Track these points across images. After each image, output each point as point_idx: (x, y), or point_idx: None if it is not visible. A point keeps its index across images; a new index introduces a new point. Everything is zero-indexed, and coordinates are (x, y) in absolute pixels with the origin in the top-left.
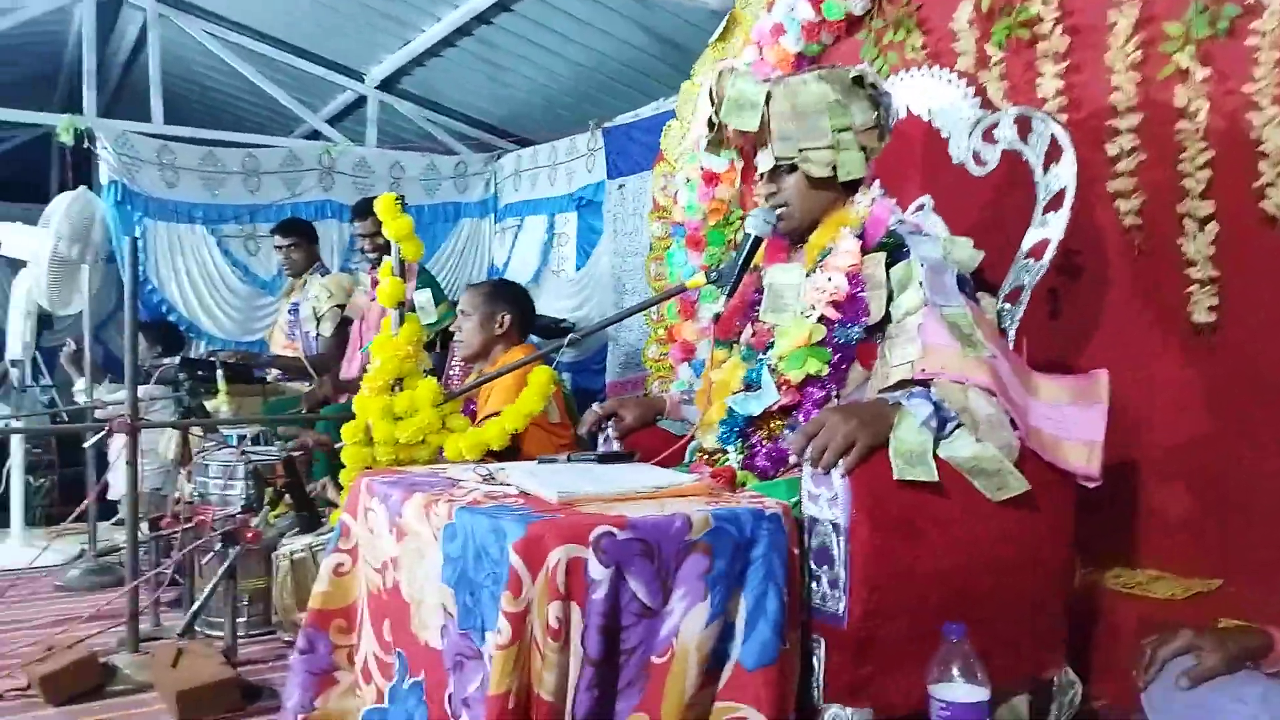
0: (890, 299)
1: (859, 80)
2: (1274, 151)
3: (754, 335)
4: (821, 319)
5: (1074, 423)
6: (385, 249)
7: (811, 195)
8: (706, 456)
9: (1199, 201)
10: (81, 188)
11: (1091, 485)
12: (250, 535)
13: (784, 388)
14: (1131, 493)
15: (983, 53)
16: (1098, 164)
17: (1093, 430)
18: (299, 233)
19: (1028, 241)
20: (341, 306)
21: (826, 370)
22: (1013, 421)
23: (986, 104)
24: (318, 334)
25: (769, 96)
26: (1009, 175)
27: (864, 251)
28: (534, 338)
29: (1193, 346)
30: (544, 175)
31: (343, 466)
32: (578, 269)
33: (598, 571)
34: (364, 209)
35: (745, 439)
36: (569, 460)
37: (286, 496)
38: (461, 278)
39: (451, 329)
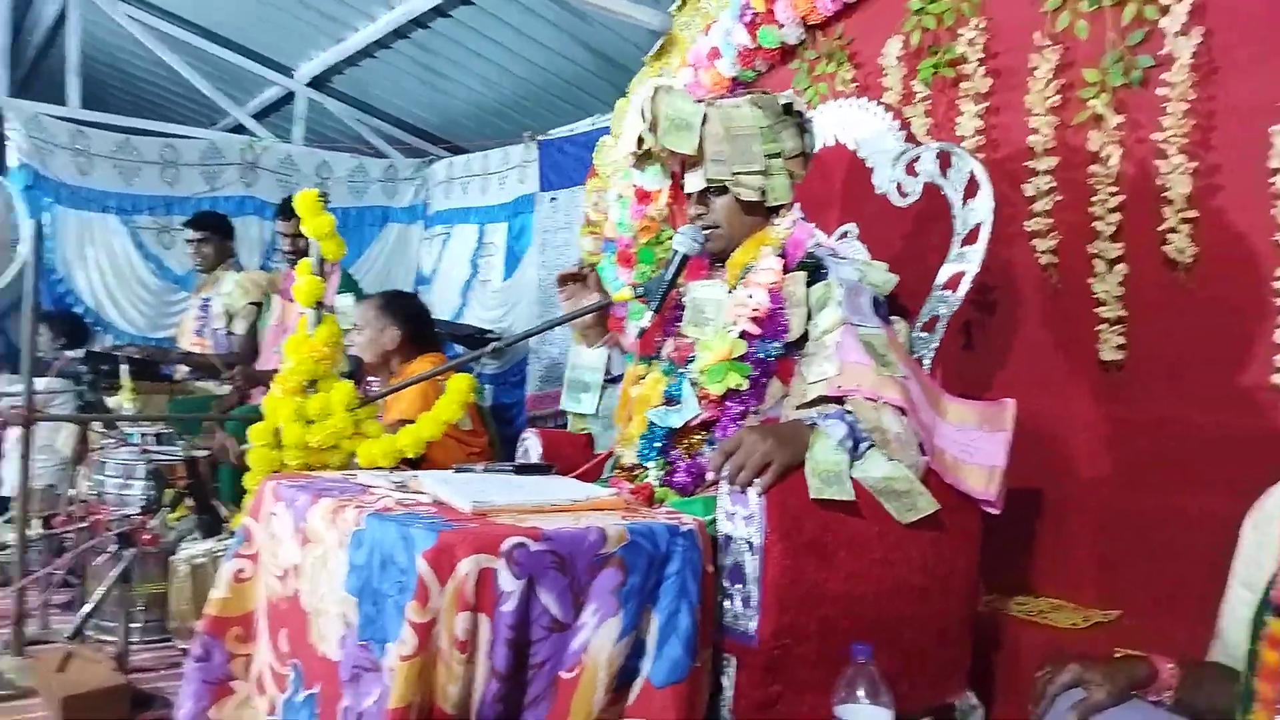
0: (809, 318)
1: (788, 108)
2: (1177, 198)
3: (675, 350)
4: (743, 334)
5: (978, 447)
6: (306, 251)
7: (741, 218)
8: (625, 472)
9: (1109, 244)
10: None
11: (990, 510)
12: (148, 538)
13: (705, 401)
14: (1036, 522)
15: (909, 88)
16: (1015, 203)
17: (994, 456)
18: (210, 227)
19: (944, 274)
20: (256, 304)
21: (747, 385)
22: (920, 443)
23: (911, 138)
24: (229, 331)
25: (705, 118)
26: (929, 208)
27: (785, 270)
28: (458, 347)
29: (1101, 383)
30: (476, 184)
31: (244, 488)
32: (505, 279)
33: (509, 583)
34: (289, 208)
35: (664, 454)
36: (485, 470)
37: (188, 499)
38: (387, 283)
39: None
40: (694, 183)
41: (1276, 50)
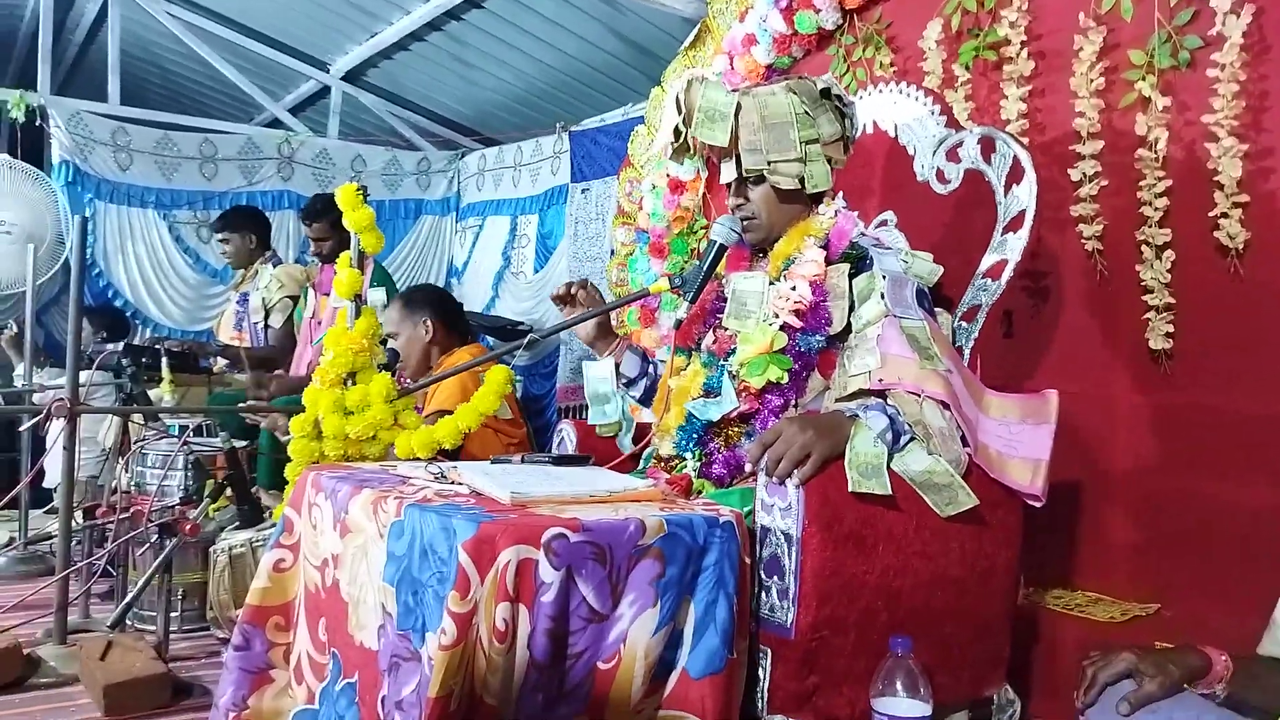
0: (851, 309)
1: (825, 92)
2: (1229, 183)
3: (715, 342)
4: (784, 327)
5: (1021, 440)
6: (331, 255)
7: (779, 207)
8: (663, 463)
9: (1156, 229)
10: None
11: (1035, 504)
12: (188, 528)
13: (744, 394)
14: (1075, 514)
15: (949, 72)
16: (1062, 187)
17: (1039, 449)
18: (236, 224)
19: (986, 262)
20: (294, 298)
21: (787, 378)
22: (963, 437)
23: (952, 123)
24: (266, 325)
25: (739, 107)
26: (971, 194)
27: (828, 262)
28: (490, 339)
29: (1146, 371)
30: (508, 175)
31: (283, 477)
32: (536, 271)
33: (548, 574)
34: (312, 212)
35: (702, 446)
36: (523, 461)
37: (227, 490)
38: (420, 276)
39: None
40: (729, 173)
41: None
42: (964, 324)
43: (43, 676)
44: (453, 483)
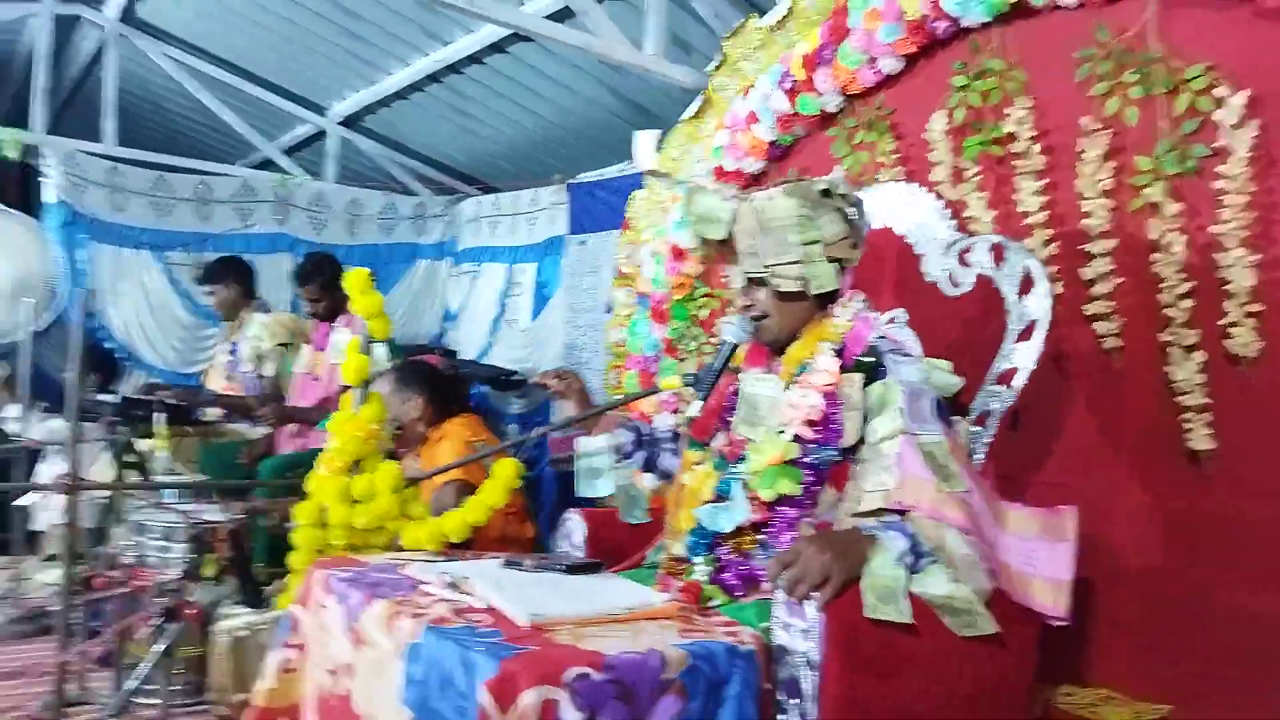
0: (866, 419)
1: (826, 192)
2: (1240, 292)
3: (728, 445)
4: (795, 438)
5: (1042, 559)
6: (327, 315)
7: (785, 309)
8: (672, 563)
9: (1184, 330)
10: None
11: (1058, 624)
12: (191, 613)
13: (755, 504)
14: (1088, 610)
15: (958, 164)
16: (1080, 282)
17: (1061, 569)
18: (221, 276)
19: (997, 368)
20: (285, 345)
21: (799, 491)
22: (988, 569)
23: (962, 225)
24: (259, 374)
25: (735, 215)
26: (982, 299)
27: (842, 370)
28: (485, 387)
29: (1165, 472)
30: (505, 223)
31: (283, 547)
32: (532, 319)
33: (571, 716)
34: (304, 275)
35: (712, 551)
36: (535, 568)
37: (228, 572)
38: (415, 319)
39: None
40: (736, 277)
41: None
42: (976, 428)
43: None
44: (466, 594)
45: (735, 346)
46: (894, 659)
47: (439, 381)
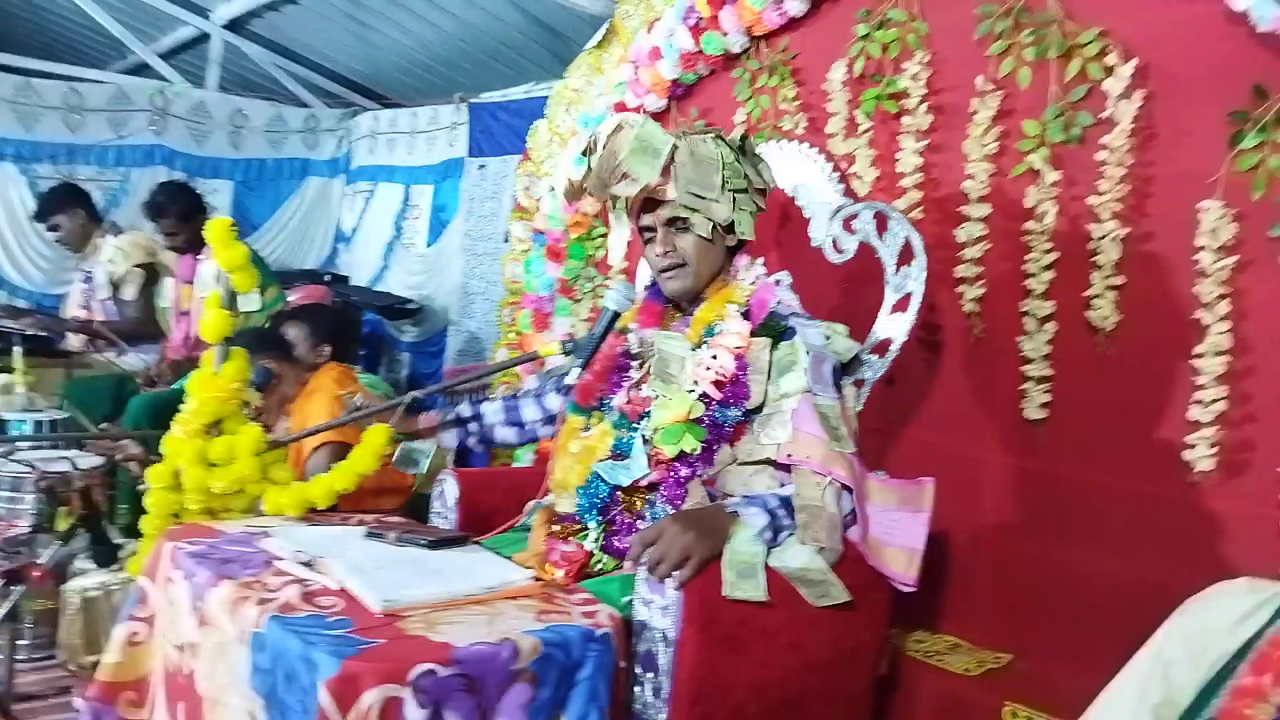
0: (769, 380)
1: (743, 143)
2: (1106, 265)
3: (629, 402)
4: (702, 396)
5: (899, 528)
6: (186, 247)
7: (707, 253)
8: (561, 527)
9: (1041, 301)
10: None
11: (906, 590)
12: (38, 575)
13: (655, 462)
14: (944, 562)
15: (852, 117)
16: (950, 245)
17: (915, 538)
18: (59, 207)
19: (873, 337)
20: (142, 266)
21: (700, 449)
22: (852, 523)
23: (849, 191)
24: (117, 298)
25: (674, 149)
26: (863, 267)
27: (751, 333)
28: (376, 316)
29: (1018, 435)
30: (403, 142)
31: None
32: (429, 244)
33: (414, 714)
34: (155, 207)
35: (605, 513)
36: (398, 541)
37: (80, 528)
38: (306, 241)
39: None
40: (662, 214)
41: (1213, 120)
42: (855, 390)
43: None
44: (320, 574)
45: (617, 314)
46: (750, 632)
47: (349, 330)
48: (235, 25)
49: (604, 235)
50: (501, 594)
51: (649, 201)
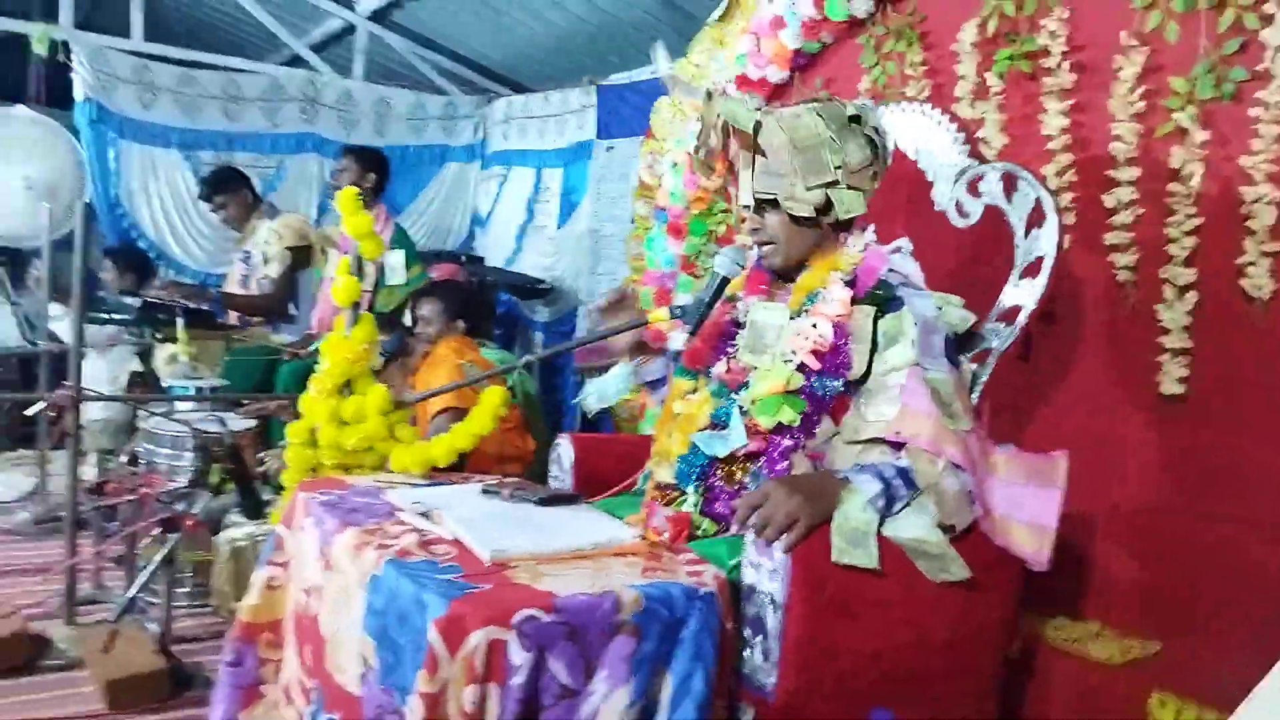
0: (874, 352)
1: (856, 118)
2: (1261, 230)
3: (727, 371)
4: (801, 366)
5: (1026, 503)
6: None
7: (796, 235)
8: (661, 493)
9: (1181, 268)
10: (30, 112)
11: (1039, 569)
12: (190, 524)
13: (753, 432)
14: (1083, 545)
15: (983, 80)
16: (1100, 208)
17: (1046, 515)
18: (221, 190)
19: (1000, 304)
20: (292, 249)
21: (798, 420)
22: (974, 499)
23: (975, 153)
24: (265, 276)
25: (758, 126)
26: (990, 231)
27: (854, 301)
28: (510, 297)
29: (1161, 412)
30: (534, 126)
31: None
32: (559, 226)
33: (518, 656)
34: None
35: (704, 480)
36: (511, 497)
37: (230, 483)
38: (444, 223)
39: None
40: (744, 195)
41: None
42: (974, 366)
43: (51, 659)
44: (436, 525)
45: (726, 280)
46: (862, 600)
47: (481, 308)
48: (378, 16)
49: (725, 211)
50: (608, 550)
51: (739, 173)
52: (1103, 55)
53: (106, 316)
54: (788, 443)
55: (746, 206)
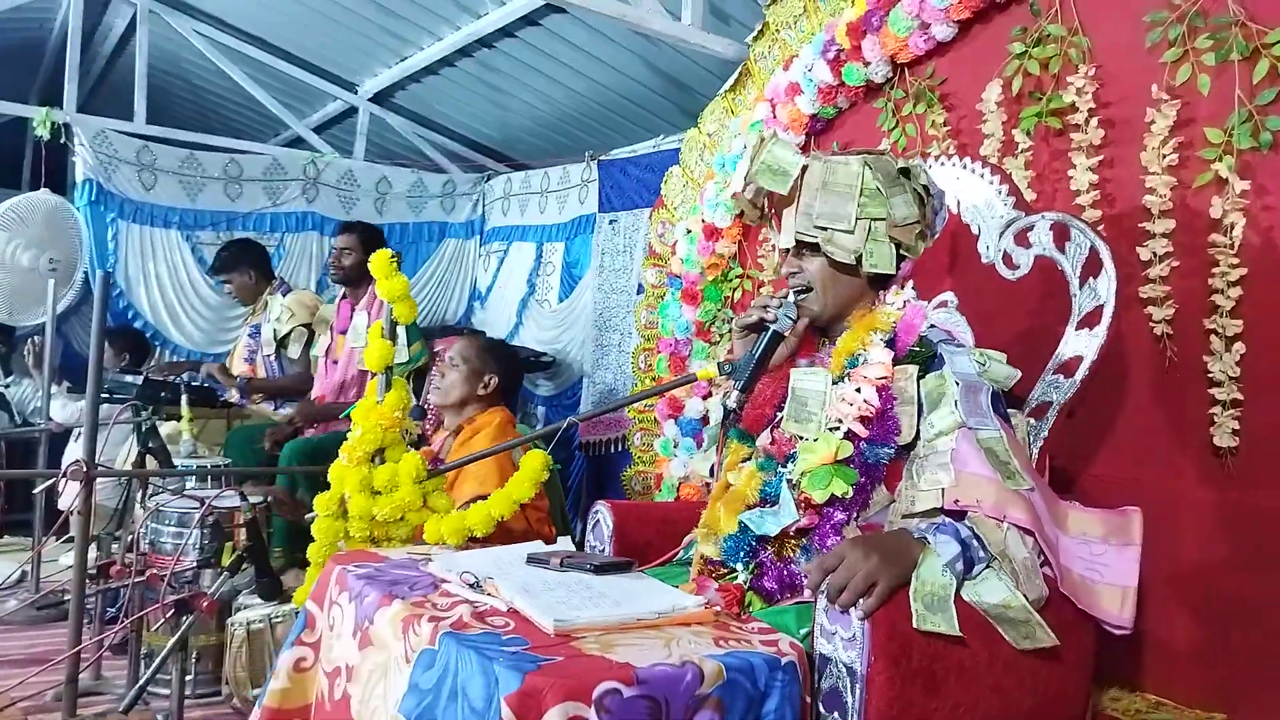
0: (920, 414)
1: (906, 171)
2: None
3: (773, 443)
4: (848, 435)
5: (1106, 563)
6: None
7: (835, 282)
8: (710, 567)
9: (1228, 320)
10: (56, 197)
11: (1122, 633)
12: (205, 605)
13: (804, 507)
14: (1139, 609)
15: (1009, 137)
16: (1129, 264)
17: (1126, 575)
18: (233, 264)
19: (1058, 357)
20: (307, 326)
21: (851, 492)
22: (1045, 562)
23: (1021, 204)
24: (279, 357)
25: (804, 169)
26: (1041, 282)
27: (895, 361)
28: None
29: (1212, 469)
30: (534, 202)
31: (301, 533)
32: (561, 300)
33: None
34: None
35: (753, 556)
36: (562, 567)
37: (246, 562)
38: (443, 299)
39: (429, 369)
40: (785, 238)
41: None
42: (1032, 421)
43: None
44: (489, 595)
45: (780, 335)
46: (944, 669)
47: (517, 367)
48: (380, 98)
49: (740, 275)
50: (675, 619)
51: (784, 215)
52: (1132, 109)
53: (106, 395)
54: (840, 515)
55: (787, 250)
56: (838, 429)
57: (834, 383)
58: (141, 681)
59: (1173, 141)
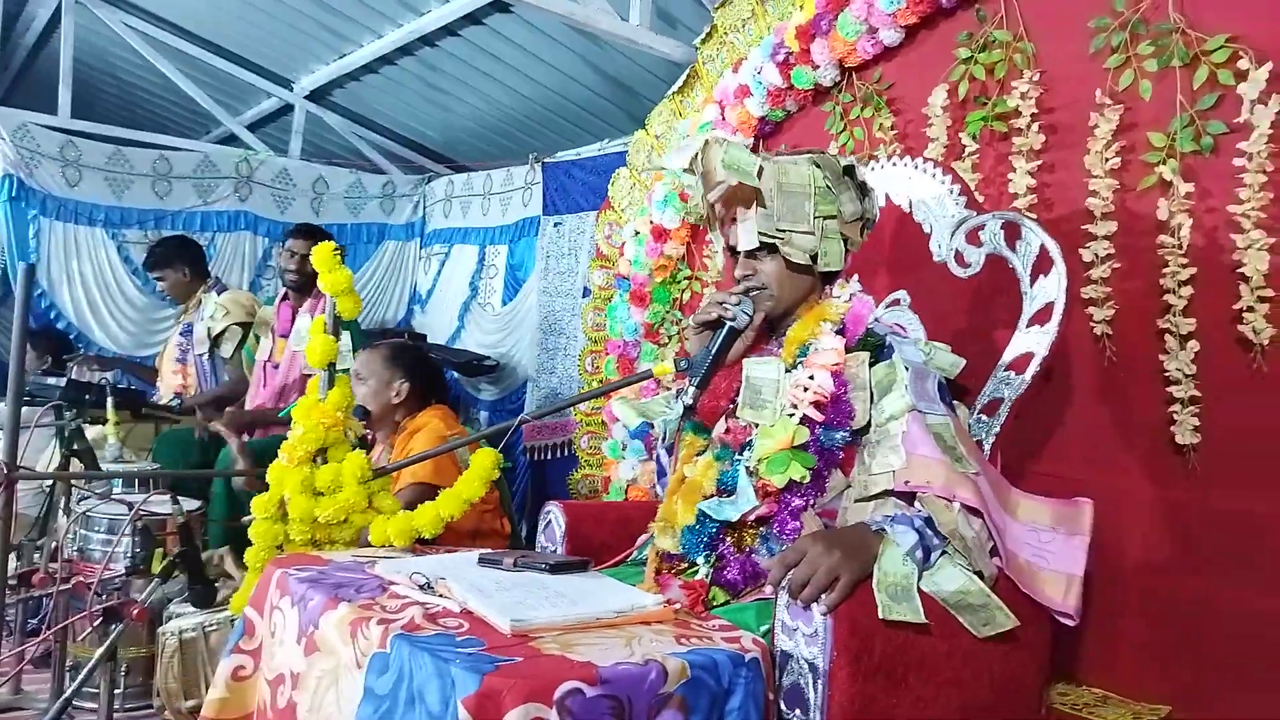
0: (872, 400)
1: (849, 170)
2: (1255, 275)
3: (727, 432)
4: (804, 420)
5: (1052, 551)
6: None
7: (791, 280)
8: (670, 564)
9: (1181, 318)
10: None
11: (1067, 622)
12: (135, 613)
13: (763, 494)
14: (1086, 605)
15: (955, 140)
16: (1070, 267)
17: (1073, 563)
18: (167, 260)
19: (1009, 354)
20: (242, 325)
21: (809, 476)
22: (993, 547)
23: (972, 203)
24: (211, 357)
25: (760, 171)
26: (992, 280)
27: (846, 349)
28: (454, 374)
29: (1162, 465)
30: (476, 204)
31: (242, 532)
32: (504, 303)
33: None
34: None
35: (713, 549)
36: (516, 567)
37: (179, 568)
38: (384, 302)
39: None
40: (744, 240)
41: None
42: (984, 418)
43: None
44: (440, 596)
45: (736, 331)
46: (905, 663)
47: (428, 367)
48: (316, 96)
49: (689, 277)
50: (634, 618)
51: (734, 219)
52: (1075, 114)
53: (28, 398)
54: (798, 502)
55: (746, 251)
56: (793, 414)
57: (787, 370)
58: (66, 695)
59: (1115, 145)
